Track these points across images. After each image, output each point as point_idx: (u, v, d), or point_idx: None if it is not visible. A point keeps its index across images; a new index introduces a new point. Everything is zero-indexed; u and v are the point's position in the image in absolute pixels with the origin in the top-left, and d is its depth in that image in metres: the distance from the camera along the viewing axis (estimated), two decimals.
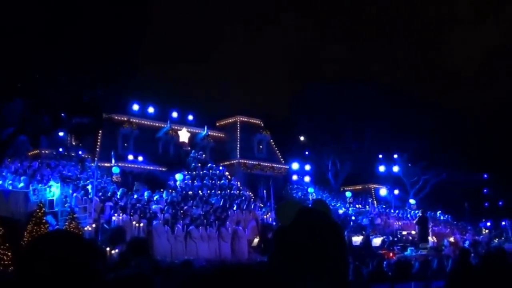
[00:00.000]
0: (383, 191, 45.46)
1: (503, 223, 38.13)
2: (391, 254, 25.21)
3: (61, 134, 29.88)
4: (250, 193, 31.60)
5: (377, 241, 27.56)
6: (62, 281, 1.91)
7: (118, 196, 24.59)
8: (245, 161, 37.22)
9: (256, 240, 25.43)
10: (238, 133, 38.62)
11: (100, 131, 31.25)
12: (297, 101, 49.42)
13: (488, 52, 68.76)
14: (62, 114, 24.50)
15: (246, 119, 39.60)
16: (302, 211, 1.87)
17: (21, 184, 23.87)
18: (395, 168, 48.40)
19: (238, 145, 38.04)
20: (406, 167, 49.37)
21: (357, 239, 26.75)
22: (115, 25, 23.31)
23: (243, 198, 29.39)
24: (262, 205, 30.44)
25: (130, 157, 32.75)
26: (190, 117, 38.65)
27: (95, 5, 22.72)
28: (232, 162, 37.06)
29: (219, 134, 39.41)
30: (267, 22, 77.01)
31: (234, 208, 27.22)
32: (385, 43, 71.08)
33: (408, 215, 38.66)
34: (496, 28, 74.44)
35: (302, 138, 48.74)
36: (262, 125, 39.96)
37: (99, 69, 23.58)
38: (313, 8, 77.34)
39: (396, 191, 45.97)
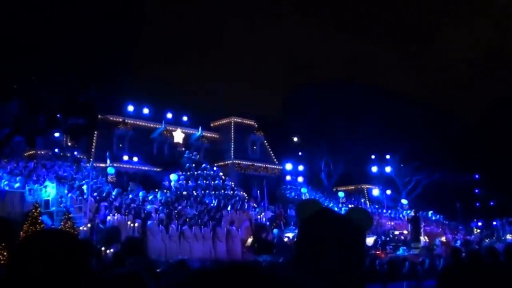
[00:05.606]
0: (375, 191, 45.77)
1: (494, 223, 38.42)
2: (380, 253, 25.37)
3: (56, 134, 30.01)
4: (244, 193, 31.73)
5: (369, 241, 27.72)
6: (54, 278, 1.91)
7: (113, 196, 24.68)
8: (239, 162, 37.40)
9: (250, 240, 25.52)
10: (232, 133, 38.81)
11: (95, 132, 31.41)
12: (290, 102, 49.69)
13: (480, 53, 69.22)
14: (58, 115, 24.64)
15: (240, 120, 39.81)
16: (319, 211, 1.95)
17: (17, 184, 23.90)
18: (388, 169, 48.69)
19: (232, 146, 38.23)
20: (398, 168, 49.67)
21: None
22: (110, 27, 23.43)
23: (237, 198, 29.47)
24: (256, 205, 30.56)
25: (125, 157, 32.88)
26: (185, 118, 38.85)
27: (89, 6, 22.82)
28: (226, 162, 37.24)
29: (213, 135, 39.59)
30: (261, 24, 77.18)
31: (228, 208, 27.31)
32: (377, 44, 71.44)
33: (401, 215, 38.92)
34: (488, 29, 74.91)
35: (295, 139, 48.99)
36: (256, 126, 40.16)
37: (94, 70, 23.71)
38: (306, 9, 77.56)
39: (388, 191, 46.27)
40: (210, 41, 76.41)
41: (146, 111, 37.10)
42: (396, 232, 33.31)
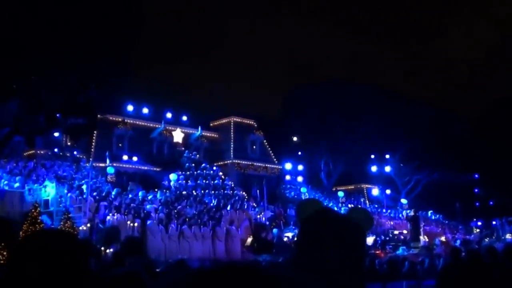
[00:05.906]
0: (375, 191, 45.77)
1: (494, 222, 38.43)
2: (380, 253, 25.38)
3: (56, 134, 30.00)
4: (244, 193, 31.73)
5: (369, 241, 27.73)
6: (54, 278, 1.91)
7: (113, 196, 24.68)
8: (239, 161, 37.39)
9: (249, 240, 25.53)
10: (232, 133, 38.80)
11: (94, 132, 31.40)
12: (290, 102, 49.65)
13: (480, 53, 69.23)
14: (57, 115, 24.63)
15: (239, 120, 39.78)
16: (319, 210, 1.95)
17: (17, 184, 23.90)
18: (387, 168, 48.69)
19: (232, 146, 38.22)
20: (398, 167, 49.67)
21: None
22: (109, 26, 23.43)
23: (237, 198, 29.45)
24: (255, 205, 30.55)
25: (125, 157, 32.85)
26: (184, 118, 38.85)
27: (89, 6, 22.82)
28: (226, 162, 37.23)
29: (213, 135, 39.59)
30: (261, 24, 77.17)
31: (228, 208, 27.32)
32: (377, 44, 71.43)
33: (400, 215, 38.94)
34: (488, 29, 74.94)
35: (295, 138, 48.99)
36: (256, 125, 40.14)
37: (94, 70, 23.71)
38: (306, 9, 77.57)
39: (388, 191, 46.27)
40: (210, 41, 76.55)
41: (145, 110, 37.12)
42: (396, 232, 33.31)
